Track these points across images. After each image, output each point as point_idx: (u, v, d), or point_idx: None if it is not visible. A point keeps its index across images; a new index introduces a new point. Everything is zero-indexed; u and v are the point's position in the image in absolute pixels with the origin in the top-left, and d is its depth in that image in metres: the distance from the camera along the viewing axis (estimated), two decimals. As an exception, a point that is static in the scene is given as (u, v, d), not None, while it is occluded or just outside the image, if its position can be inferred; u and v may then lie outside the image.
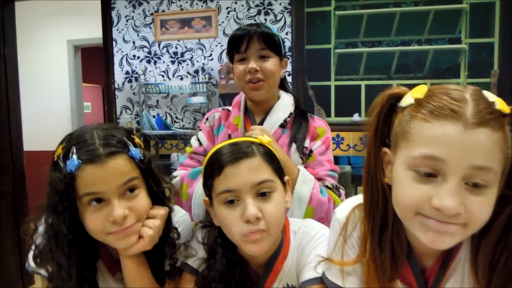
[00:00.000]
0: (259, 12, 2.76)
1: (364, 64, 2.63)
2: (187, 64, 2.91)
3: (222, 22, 2.82)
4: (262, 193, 0.80)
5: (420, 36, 2.55)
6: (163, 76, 2.95)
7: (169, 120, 2.95)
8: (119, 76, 3.03)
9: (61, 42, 4.62)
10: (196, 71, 2.89)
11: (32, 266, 0.83)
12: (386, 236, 0.72)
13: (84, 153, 0.74)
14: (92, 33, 4.36)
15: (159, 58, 2.95)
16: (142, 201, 0.80)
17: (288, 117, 1.19)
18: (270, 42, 1.13)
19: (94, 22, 3.53)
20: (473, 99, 0.60)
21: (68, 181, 0.73)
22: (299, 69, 2.70)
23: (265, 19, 2.76)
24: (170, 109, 2.96)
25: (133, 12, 2.97)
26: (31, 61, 4.59)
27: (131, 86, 3.01)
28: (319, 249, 0.82)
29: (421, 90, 0.67)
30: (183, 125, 2.94)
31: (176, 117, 2.96)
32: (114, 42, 3.01)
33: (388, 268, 0.71)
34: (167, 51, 2.93)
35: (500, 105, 0.61)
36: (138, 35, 2.97)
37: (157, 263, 0.86)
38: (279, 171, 0.84)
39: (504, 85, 2.43)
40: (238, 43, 1.13)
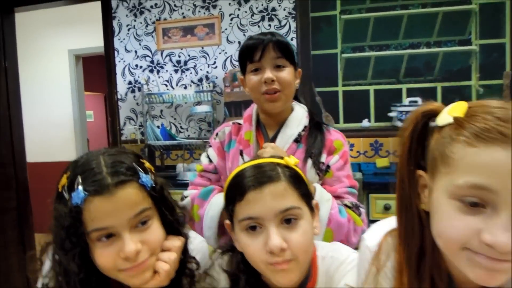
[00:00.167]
0: (263, 18, 2.72)
1: (372, 69, 2.58)
2: (191, 73, 2.87)
3: (226, 29, 2.79)
4: (287, 220, 0.74)
5: (429, 39, 2.50)
6: (167, 85, 2.91)
7: (174, 130, 2.91)
8: (122, 87, 2.99)
9: (62, 52, 4.61)
10: (200, 80, 2.85)
11: None
12: (424, 267, 0.65)
13: (91, 184, 0.68)
14: (93, 42, 4.35)
15: (162, 67, 2.91)
16: (156, 233, 0.74)
17: (303, 131, 1.12)
18: (286, 51, 1.07)
19: (95, 31, 3.51)
20: None
21: (75, 215, 0.68)
22: (305, 75, 2.65)
23: (269, 25, 2.71)
24: (175, 119, 2.92)
25: (135, 21, 2.94)
26: (33, 72, 4.58)
27: (134, 96, 2.98)
28: (349, 277, 0.77)
29: (460, 108, 0.61)
30: (188, 135, 2.90)
31: (181, 127, 2.91)
32: (116, 52, 2.98)
33: None
34: (170, 60, 2.89)
35: None
36: (140, 44, 2.94)
37: None
38: (307, 196, 0.78)
39: (518, 87, 2.38)
40: (252, 52, 1.06)
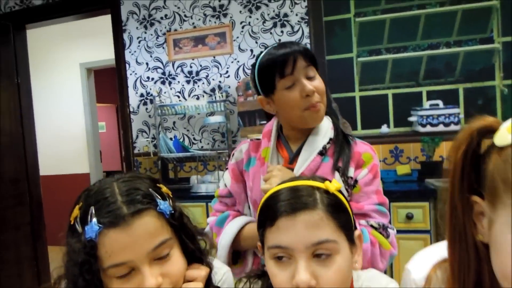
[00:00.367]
0: (275, 25, 2.66)
1: (390, 72, 2.49)
2: (203, 83, 2.82)
3: (237, 37, 2.74)
4: (319, 254, 0.66)
5: (449, 38, 2.41)
6: (179, 97, 2.87)
7: (187, 142, 2.87)
8: (134, 99, 2.97)
9: (74, 65, 4.64)
10: (213, 90, 2.80)
11: None
12: (483, 306, 0.57)
13: (105, 215, 0.63)
14: (105, 55, 4.35)
15: (174, 79, 2.88)
16: (177, 265, 0.69)
17: (328, 143, 1.04)
18: (313, 59, 1.00)
19: (106, 44, 3.51)
20: None
21: (89, 251, 0.63)
22: (321, 81, 2.57)
23: (282, 31, 2.65)
24: (188, 131, 2.88)
25: (145, 33, 2.91)
26: (45, 86, 4.62)
27: (147, 109, 2.95)
28: None
29: None
30: (202, 146, 2.85)
31: (194, 139, 2.87)
32: (127, 65, 2.96)
33: None
34: (182, 71, 2.86)
35: None
36: (151, 56, 2.91)
37: None
38: (346, 228, 0.70)
39: (546, 85, 2.26)
40: (282, 66, 0.96)
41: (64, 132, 4.65)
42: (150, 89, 2.92)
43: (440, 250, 0.65)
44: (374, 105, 2.53)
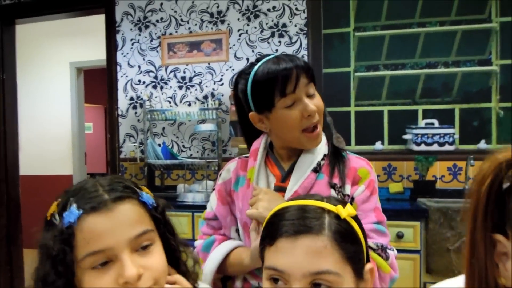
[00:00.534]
0: (273, 34, 2.62)
1: (387, 89, 2.47)
2: (196, 90, 2.77)
3: (233, 45, 2.70)
4: (318, 284, 0.60)
5: (447, 58, 2.40)
6: (170, 102, 2.82)
7: (176, 149, 2.81)
8: (123, 102, 2.91)
9: (64, 64, 4.54)
10: (205, 97, 2.76)
11: None
12: None
13: (86, 202, 0.60)
14: (96, 55, 4.27)
15: (166, 83, 2.82)
16: (159, 259, 0.64)
17: (322, 159, 0.97)
18: (313, 75, 0.93)
19: (98, 44, 3.42)
20: None
21: (66, 238, 0.58)
22: (316, 94, 2.53)
23: (280, 42, 2.61)
24: (177, 137, 2.82)
25: (139, 35, 2.86)
26: (32, 83, 4.52)
27: (136, 113, 2.88)
28: None
29: None
30: (191, 154, 2.80)
31: (183, 146, 2.81)
32: (119, 67, 2.90)
33: None
34: (175, 76, 2.81)
35: None
36: (144, 59, 2.86)
37: None
38: (354, 260, 0.62)
39: (542, 110, 2.26)
40: (284, 83, 0.87)
41: (49, 131, 4.54)
42: (141, 93, 2.86)
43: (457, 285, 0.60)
44: (369, 121, 2.50)
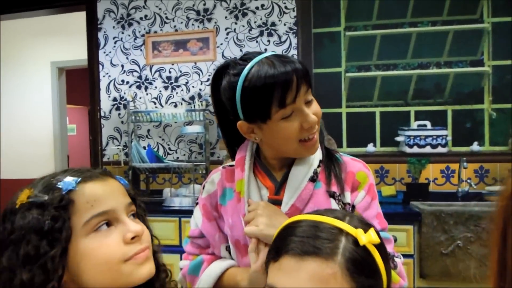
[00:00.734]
0: (262, 33, 2.56)
1: (379, 89, 2.44)
2: (182, 90, 2.71)
3: (221, 44, 2.64)
4: None
5: (439, 59, 2.37)
6: (155, 103, 2.75)
7: (162, 152, 2.74)
8: (106, 103, 2.82)
9: (45, 64, 4.42)
10: (192, 98, 2.69)
11: None
12: None
13: (76, 174, 0.62)
14: (78, 55, 4.15)
15: (151, 83, 2.75)
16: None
17: (319, 166, 0.89)
18: (311, 79, 0.84)
19: (80, 43, 3.33)
20: None
21: (65, 205, 0.57)
22: (307, 95, 2.47)
23: (268, 41, 2.55)
24: (163, 140, 2.75)
25: (122, 34, 2.78)
26: (12, 84, 4.40)
27: (119, 114, 2.80)
28: None
29: None
30: (177, 157, 2.73)
31: (170, 149, 2.74)
32: (101, 66, 2.82)
33: None
34: (160, 76, 2.73)
35: None
36: (128, 58, 2.78)
37: None
38: None
39: (534, 112, 2.25)
40: (284, 94, 0.77)
41: (30, 134, 4.40)
42: (124, 93, 2.78)
43: None
44: (361, 123, 2.46)
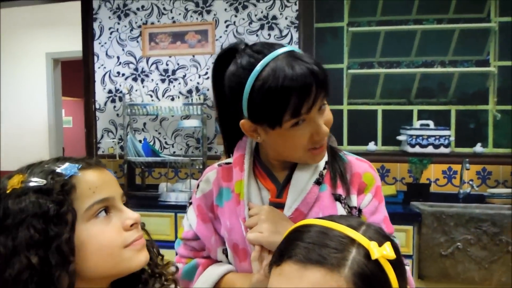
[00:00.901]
0: (262, 27, 2.51)
1: (381, 87, 2.39)
2: (179, 83, 2.66)
3: (220, 37, 2.59)
4: None
5: (444, 57, 2.33)
6: (152, 96, 2.70)
7: (158, 146, 2.70)
8: (101, 95, 2.77)
9: (40, 55, 4.37)
10: (190, 91, 2.64)
11: None
12: None
13: (75, 161, 0.62)
14: (74, 46, 4.06)
15: (147, 76, 2.70)
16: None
17: (324, 168, 0.83)
18: (329, 87, 0.75)
19: (75, 34, 3.26)
20: None
21: (68, 189, 0.58)
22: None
23: (269, 35, 2.50)
24: (159, 133, 2.70)
25: (118, 24, 2.72)
26: (7, 75, 4.32)
27: (115, 107, 2.75)
28: None
29: None
30: (174, 152, 2.69)
31: (166, 143, 2.70)
32: (96, 57, 2.76)
33: None
34: (157, 68, 2.69)
35: None
36: (124, 50, 2.72)
37: None
38: None
39: (539, 113, 2.21)
40: (300, 103, 0.70)
41: (25, 125, 4.36)
42: (120, 86, 2.73)
43: None
44: (362, 121, 2.42)
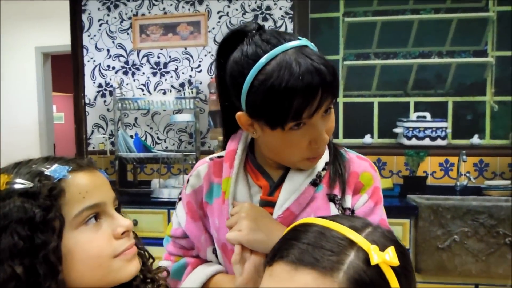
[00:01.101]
0: (256, 18, 2.48)
1: (377, 79, 2.35)
2: (171, 77, 2.61)
3: (213, 28, 2.54)
4: None
5: (441, 48, 2.29)
6: (143, 90, 2.65)
7: (150, 141, 2.65)
8: (91, 90, 2.71)
9: (29, 49, 4.30)
10: (182, 85, 2.59)
11: None
12: None
13: (65, 163, 0.58)
14: (64, 40, 4.00)
15: (138, 69, 2.65)
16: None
17: (323, 169, 0.78)
18: (337, 91, 0.70)
19: (65, 27, 3.20)
20: None
21: (56, 194, 0.54)
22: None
23: (263, 26, 2.43)
24: (151, 128, 2.66)
25: (108, 16, 2.65)
26: None
27: (105, 101, 2.69)
28: None
29: None
30: (166, 147, 2.64)
31: (158, 138, 2.65)
32: (85, 50, 2.70)
33: None
34: (148, 61, 2.63)
35: None
36: (114, 42, 2.66)
37: None
38: None
39: (537, 104, 2.20)
40: (303, 107, 0.65)
41: (14, 121, 4.29)
42: (110, 79, 2.67)
43: None
44: (358, 113, 2.39)
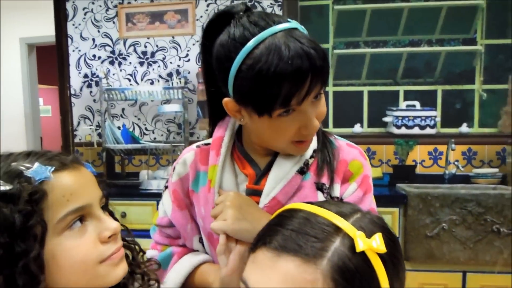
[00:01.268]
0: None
1: (367, 67, 2.34)
2: (159, 66, 2.57)
3: (201, 17, 2.49)
4: None
5: (431, 36, 2.29)
6: (130, 80, 2.61)
7: (137, 132, 2.61)
8: (76, 80, 2.65)
9: (13, 40, 4.24)
10: (170, 74, 2.56)
11: None
12: None
13: (47, 161, 0.54)
14: (49, 30, 3.91)
15: (125, 59, 2.60)
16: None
17: (311, 157, 0.76)
18: (327, 76, 0.68)
19: (50, 17, 3.14)
20: None
21: (38, 198, 0.50)
22: (292, 73, 2.37)
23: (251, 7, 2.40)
24: (139, 119, 2.62)
25: (93, 4, 2.60)
26: None
27: (91, 92, 2.65)
28: None
29: None
30: (154, 138, 2.61)
31: (146, 129, 2.62)
32: (70, 40, 2.64)
33: None
34: (135, 51, 2.59)
35: None
36: (99, 31, 2.61)
37: None
38: None
39: (525, 92, 2.20)
40: (292, 93, 0.63)
41: (0, 115, 4.23)
42: (96, 70, 2.62)
43: None
44: (348, 102, 2.38)
